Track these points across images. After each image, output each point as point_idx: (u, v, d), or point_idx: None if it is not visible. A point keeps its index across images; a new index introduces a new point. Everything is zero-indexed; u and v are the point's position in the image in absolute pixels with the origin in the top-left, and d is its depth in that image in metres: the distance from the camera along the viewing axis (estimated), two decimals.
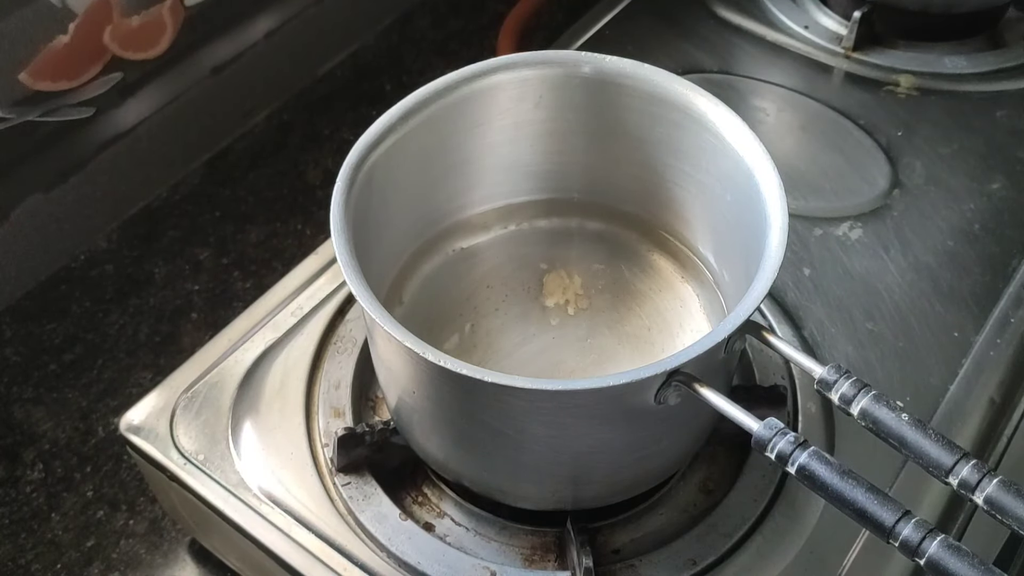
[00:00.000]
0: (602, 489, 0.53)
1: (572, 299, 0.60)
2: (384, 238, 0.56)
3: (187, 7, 0.80)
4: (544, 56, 0.55)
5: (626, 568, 0.53)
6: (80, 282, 0.80)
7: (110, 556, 0.64)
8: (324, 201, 0.49)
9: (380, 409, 0.61)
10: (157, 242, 0.83)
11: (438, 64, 0.97)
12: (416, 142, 0.55)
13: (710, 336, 0.44)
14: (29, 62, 0.71)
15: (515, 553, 0.55)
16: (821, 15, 0.91)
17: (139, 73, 0.79)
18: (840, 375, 0.42)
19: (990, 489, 0.38)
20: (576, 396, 0.44)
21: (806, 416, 0.59)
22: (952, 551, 0.36)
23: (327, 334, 0.63)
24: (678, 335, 0.59)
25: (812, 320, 0.65)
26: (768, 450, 0.41)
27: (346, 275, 0.46)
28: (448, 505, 0.57)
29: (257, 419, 0.59)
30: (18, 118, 0.72)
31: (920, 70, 0.85)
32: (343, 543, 0.54)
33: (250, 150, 0.90)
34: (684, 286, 0.61)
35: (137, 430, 0.59)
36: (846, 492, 0.39)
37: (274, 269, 0.80)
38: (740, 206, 0.52)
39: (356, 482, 0.56)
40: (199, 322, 0.77)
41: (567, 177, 0.62)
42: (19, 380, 0.74)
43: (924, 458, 0.40)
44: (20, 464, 0.69)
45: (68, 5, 0.71)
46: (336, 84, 0.96)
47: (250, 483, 0.57)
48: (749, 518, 0.55)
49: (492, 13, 1.00)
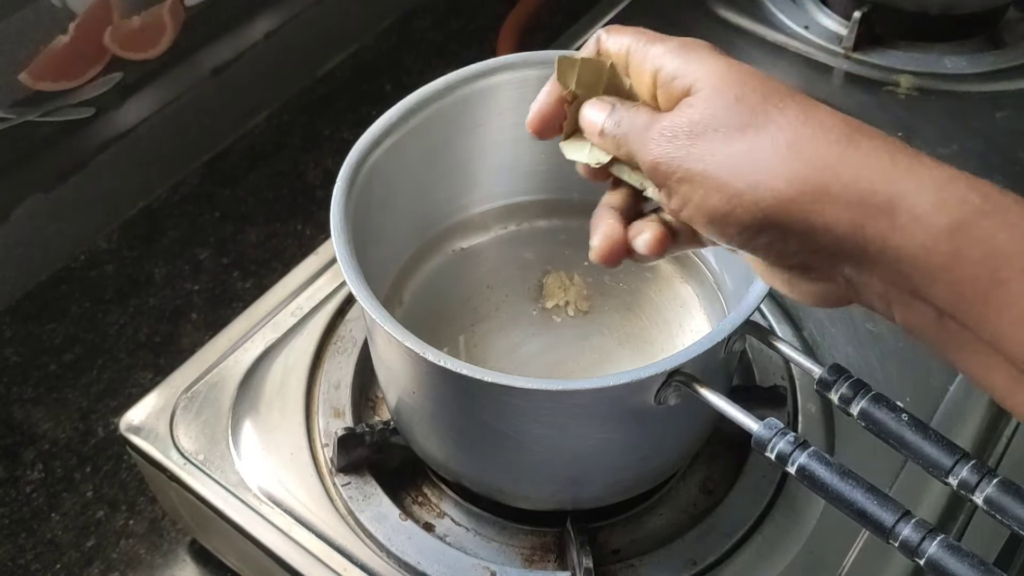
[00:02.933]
0: (602, 489, 0.53)
1: (572, 300, 0.60)
2: (384, 238, 0.56)
3: (187, 7, 0.80)
4: (544, 56, 0.55)
5: (626, 568, 0.53)
6: (80, 282, 0.80)
7: (110, 556, 0.64)
8: (324, 201, 0.49)
9: (380, 409, 0.61)
10: (157, 242, 0.83)
11: (438, 64, 0.97)
12: (416, 142, 0.55)
13: (710, 336, 0.44)
14: (29, 62, 0.71)
15: (515, 553, 0.55)
16: (821, 15, 0.91)
17: (139, 73, 0.79)
18: (840, 375, 0.42)
19: (990, 489, 0.38)
20: (576, 396, 0.44)
21: (806, 416, 0.59)
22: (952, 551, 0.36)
23: (327, 334, 0.63)
24: (678, 335, 0.59)
25: (812, 320, 0.65)
26: (768, 450, 0.41)
27: (346, 275, 0.46)
28: (448, 505, 0.57)
29: (257, 419, 0.59)
30: (18, 118, 0.72)
31: (920, 70, 0.85)
32: (343, 543, 0.54)
33: (250, 150, 0.90)
34: (684, 286, 0.61)
35: (137, 430, 0.59)
36: (846, 492, 0.39)
37: (274, 269, 0.80)
38: None
39: (356, 482, 0.56)
40: (199, 322, 0.77)
41: (567, 177, 0.61)
42: (19, 380, 0.74)
43: (924, 458, 0.40)
44: (20, 464, 0.69)
45: (68, 5, 0.71)
46: (336, 84, 0.96)
47: (250, 483, 0.57)
48: (749, 518, 0.55)
49: (492, 13, 1.00)
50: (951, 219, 0.33)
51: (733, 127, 0.36)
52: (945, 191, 0.33)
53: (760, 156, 0.36)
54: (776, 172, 0.35)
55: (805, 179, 0.35)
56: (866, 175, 0.34)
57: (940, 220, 0.33)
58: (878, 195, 0.34)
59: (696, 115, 0.37)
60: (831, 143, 0.35)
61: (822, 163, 0.35)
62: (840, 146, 0.35)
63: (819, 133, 0.36)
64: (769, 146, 0.36)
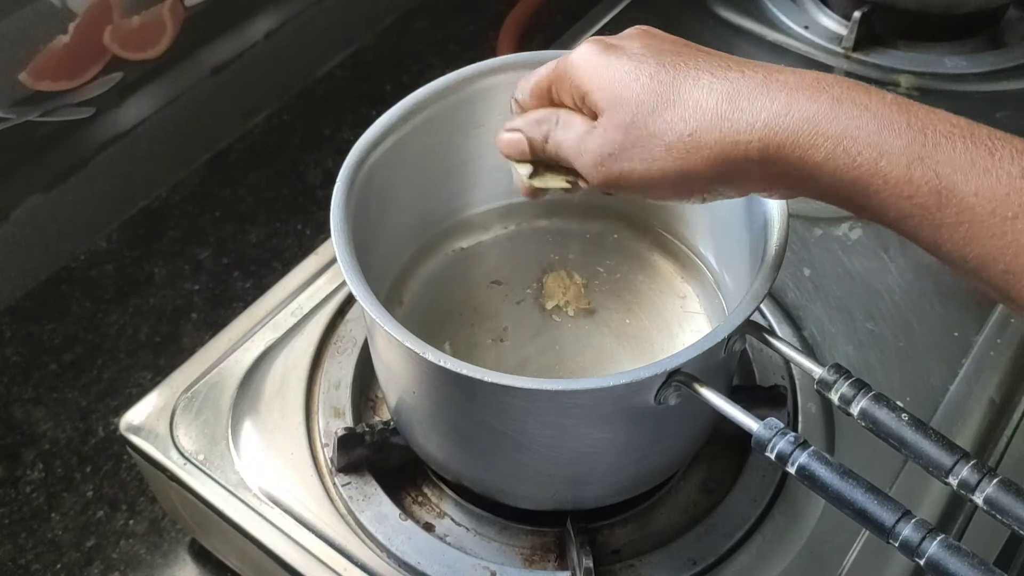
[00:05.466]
0: (602, 489, 0.53)
1: (572, 299, 0.60)
2: (384, 238, 0.56)
3: (187, 7, 0.80)
4: (544, 56, 0.55)
5: (626, 568, 0.53)
6: (80, 282, 0.80)
7: (110, 556, 0.64)
8: (324, 201, 0.49)
9: (380, 409, 0.61)
10: (157, 242, 0.83)
11: (438, 64, 0.97)
12: (416, 142, 0.55)
13: (710, 336, 0.44)
14: (29, 62, 0.71)
15: (515, 553, 0.55)
16: (821, 15, 0.91)
17: (139, 73, 0.79)
18: (840, 375, 0.42)
19: (990, 489, 0.38)
20: (576, 396, 0.44)
21: (806, 416, 0.59)
22: (952, 551, 0.36)
23: (327, 334, 0.63)
24: (678, 335, 0.59)
25: (812, 320, 0.65)
26: (768, 450, 0.41)
27: (346, 275, 0.46)
28: (448, 505, 0.57)
29: (257, 419, 0.59)
30: (18, 118, 0.72)
31: (920, 70, 0.85)
32: (343, 543, 0.54)
33: (250, 150, 0.90)
34: (684, 286, 0.61)
35: (137, 430, 0.59)
36: (846, 492, 0.39)
37: (274, 269, 0.80)
38: (740, 206, 0.52)
39: (356, 482, 0.56)
40: (199, 322, 0.77)
41: None
42: (19, 380, 0.74)
43: (924, 458, 0.40)
44: (20, 464, 0.69)
45: (68, 5, 0.71)
46: (336, 84, 0.96)
47: (250, 483, 0.57)
48: (749, 518, 0.55)
49: (492, 13, 1.00)
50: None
51: (644, 136, 0.41)
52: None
53: (675, 146, 0.41)
54: (701, 157, 0.40)
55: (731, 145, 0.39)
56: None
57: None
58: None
59: (608, 139, 0.42)
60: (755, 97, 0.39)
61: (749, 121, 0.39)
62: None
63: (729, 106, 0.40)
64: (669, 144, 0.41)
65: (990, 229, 0.35)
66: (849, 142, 0.37)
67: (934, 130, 0.36)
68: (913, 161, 0.36)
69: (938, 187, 0.36)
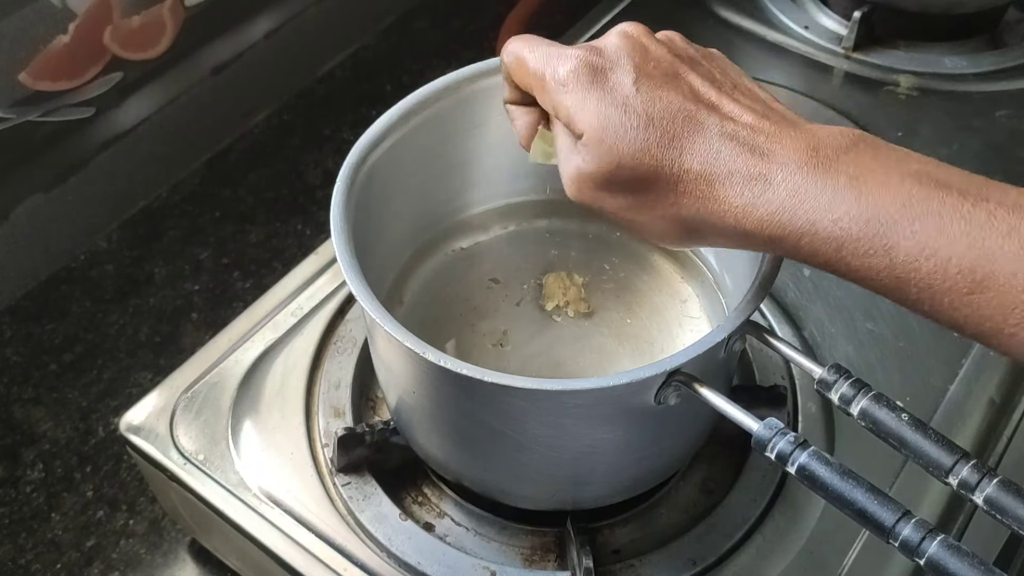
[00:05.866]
0: (602, 489, 0.53)
1: (572, 299, 0.60)
2: (384, 238, 0.56)
3: (187, 7, 0.80)
4: None
5: (626, 568, 0.53)
6: (80, 282, 0.80)
7: (110, 556, 0.64)
8: (324, 201, 0.49)
9: (380, 409, 0.61)
10: (157, 242, 0.83)
11: (438, 64, 0.97)
12: (416, 142, 0.55)
13: (710, 336, 0.44)
14: (29, 62, 0.71)
15: (515, 553, 0.55)
16: (821, 15, 0.91)
17: (139, 73, 0.79)
18: (840, 375, 0.42)
19: (990, 489, 0.38)
20: (576, 396, 0.44)
21: (806, 416, 0.59)
22: (952, 551, 0.36)
23: (327, 334, 0.63)
24: (678, 335, 0.59)
25: (812, 320, 0.65)
26: (768, 450, 0.41)
27: (346, 275, 0.46)
28: (448, 505, 0.57)
29: (257, 419, 0.59)
30: (18, 118, 0.72)
31: (920, 70, 0.85)
32: (343, 543, 0.54)
33: (250, 150, 0.90)
34: (684, 286, 0.61)
35: (137, 430, 0.59)
36: (846, 492, 0.39)
37: (274, 269, 0.80)
38: None
39: (356, 482, 0.56)
40: (199, 322, 0.77)
41: None
42: (19, 380, 0.74)
43: (924, 458, 0.40)
44: (20, 464, 0.69)
45: (68, 5, 0.71)
46: (336, 84, 0.96)
47: (250, 483, 0.57)
48: (749, 518, 0.55)
49: (492, 14, 1.00)
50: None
51: (630, 189, 0.41)
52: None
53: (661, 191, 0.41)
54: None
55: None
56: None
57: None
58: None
59: (589, 171, 0.41)
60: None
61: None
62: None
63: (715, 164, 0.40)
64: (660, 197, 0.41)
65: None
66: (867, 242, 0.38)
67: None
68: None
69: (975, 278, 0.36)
